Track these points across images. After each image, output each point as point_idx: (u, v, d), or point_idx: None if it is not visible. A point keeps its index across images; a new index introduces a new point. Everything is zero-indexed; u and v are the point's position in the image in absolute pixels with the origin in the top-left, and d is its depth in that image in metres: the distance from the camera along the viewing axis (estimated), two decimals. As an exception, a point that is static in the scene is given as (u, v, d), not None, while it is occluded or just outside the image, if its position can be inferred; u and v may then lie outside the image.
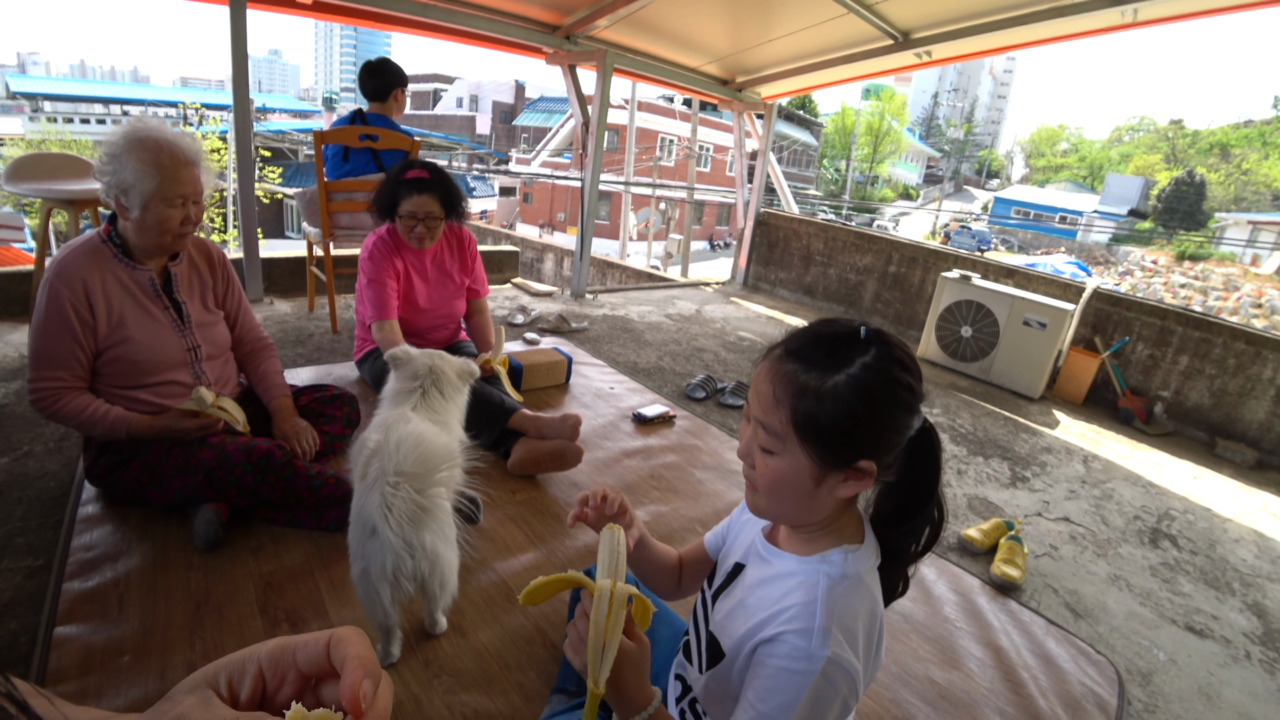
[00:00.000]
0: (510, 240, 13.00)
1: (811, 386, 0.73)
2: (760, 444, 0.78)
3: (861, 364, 0.73)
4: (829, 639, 0.72)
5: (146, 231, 1.62)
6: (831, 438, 0.74)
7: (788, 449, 0.76)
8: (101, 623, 1.37)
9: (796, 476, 0.76)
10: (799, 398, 0.74)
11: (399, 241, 2.46)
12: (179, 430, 1.65)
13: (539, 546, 1.82)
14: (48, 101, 22.70)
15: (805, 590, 0.77)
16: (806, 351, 0.75)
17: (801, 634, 0.73)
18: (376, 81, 3.29)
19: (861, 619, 0.76)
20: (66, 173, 2.54)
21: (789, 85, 5.49)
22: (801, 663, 0.72)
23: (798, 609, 0.75)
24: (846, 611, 0.75)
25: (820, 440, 0.74)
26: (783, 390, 0.75)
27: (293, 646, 0.40)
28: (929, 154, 54.21)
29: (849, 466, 0.75)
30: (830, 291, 5.67)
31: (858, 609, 0.76)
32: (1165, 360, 3.93)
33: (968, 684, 1.58)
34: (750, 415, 0.80)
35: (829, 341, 0.75)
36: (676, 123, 23.20)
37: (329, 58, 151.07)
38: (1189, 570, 2.35)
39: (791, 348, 0.77)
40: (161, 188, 1.56)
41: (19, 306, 3.04)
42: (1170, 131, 46.64)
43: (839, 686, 0.72)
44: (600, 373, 3.23)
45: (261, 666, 0.40)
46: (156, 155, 1.55)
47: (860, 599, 0.77)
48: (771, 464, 0.77)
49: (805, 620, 0.74)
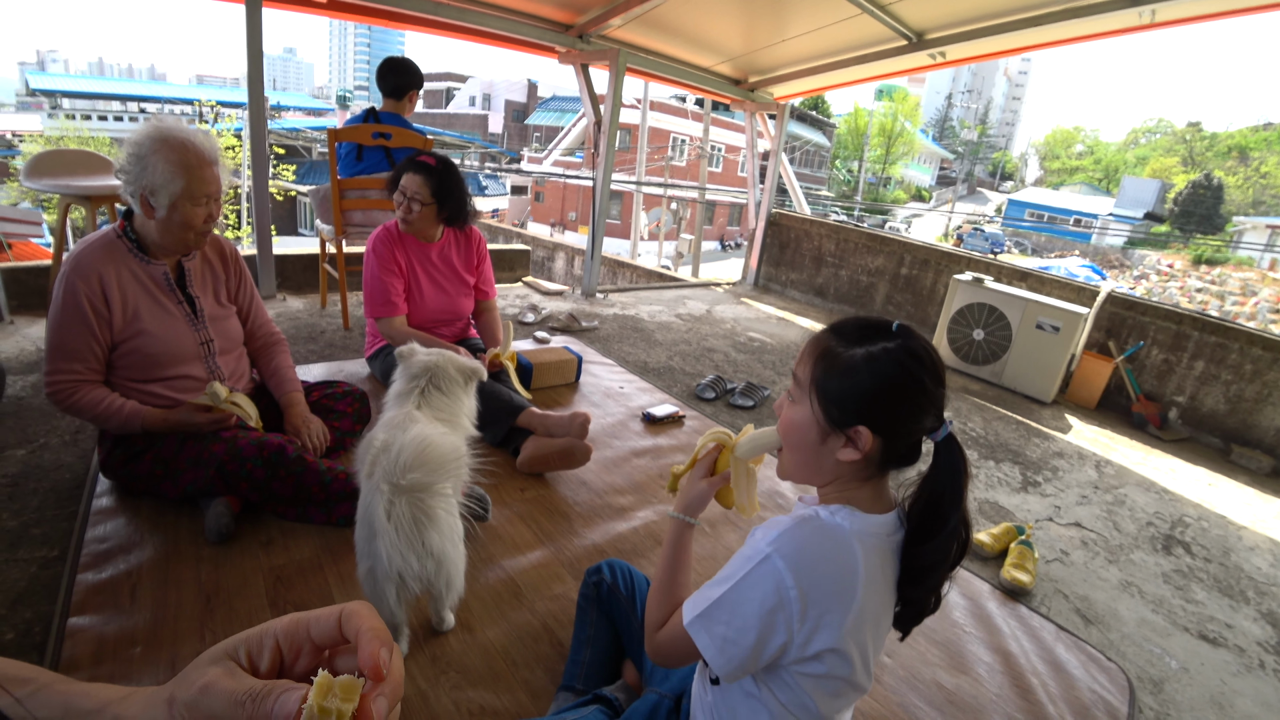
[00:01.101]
0: (521, 239, 13.04)
1: (835, 352, 0.84)
2: (788, 392, 0.90)
3: (882, 346, 0.82)
4: (778, 544, 0.81)
5: (171, 230, 1.63)
6: (835, 397, 0.83)
7: (804, 400, 0.86)
8: (114, 613, 1.38)
9: (805, 427, 0.86)
10: (823, 359, 0.85)
11: (405, 234, 2.47)
12: (192, 424, 1.67)
13: (547, 544, 1.82)
14: (66, 99, 22.99)
15: (786, 519, 0.87)
16: (844, 329, 0.87)
17: (763, 532, 0.85)
18: (396, 80, 3.30)
19: (820, 559, 0.81)
20: (84, 169, 2.57)
21: (802, 86, 5.47)
22: (748, 549, 0.85)
23: (771, 523, 0.87)
24: (806, 541, 0.82)
25: (826, 397, 0.84)
26: (814, 351, 0.87)
27: (306, 621, 0.42)
28: (942, 155, 53.87)
29: (847, 428, 0.83)
30: (841, 293, 5.65)
31: (820, 546, 0.82)
32: (1180, 365, 3.89)
33: (976, 689, 1.57)
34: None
35: (864, 324, 0.86)
36: (688, 122, 23.21)
37: (343, 56, 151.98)
38: (1202, 578, 2.32)
39: (834, 326, 0.88)
40: (189, 187, 1.58)
41: (37, 300, 3.08)
42: (1188, 134, 46.13)
43: (764, 583, 0.80)
44: (610, 372, 3.23)
45: (278, 640, 0.42)
46: (183, 155, 1.56)
47: (827, 540, 0.82)
48: (790, 411, 0.89)
49: (771, 529, 0.85)
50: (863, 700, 1.44)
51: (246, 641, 0.41)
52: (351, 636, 0.41)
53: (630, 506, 2.07)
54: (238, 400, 1.70)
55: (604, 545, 1.85)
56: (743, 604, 0.81)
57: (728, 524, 2.06)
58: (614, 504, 2.07)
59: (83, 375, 1.60)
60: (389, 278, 2.41)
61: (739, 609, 0.82)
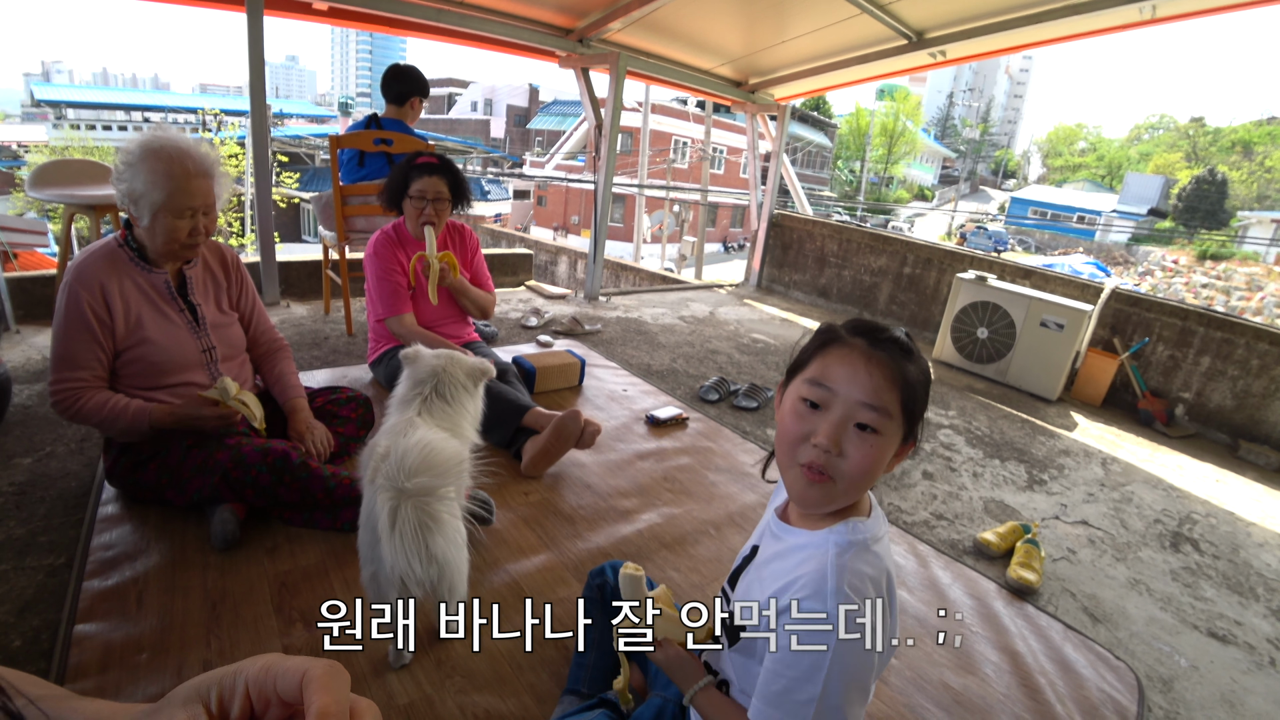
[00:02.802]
0: (524, 243, 13.06)
1: (908, 372, 0.84)
2: (863, 422, 0.82)
3: (917, 355, 0.86)
4: (840, 599, 0.77)
5: (155, 240, 1.64)
6: (918, 413, 0.85)
7: (891, 426, 0.83)
8: (120, 620, 1.39)
9: (886, 453, 0.84)
10: (904, 381, 0.83)
11: (403, 236, 2.48)
12: (198, 418, 1.65)
13: (551, 548, 1.82)
14: (71, 109, 23.13)
15: (815, 560, 0.83)
16: (891, 344, 0.85)
17: (815, 598, 0.79)
18: (400, 87, 3.32)
19: (869, 580, 0.81)
20: (88, 178, 2.59)
21: (802, 86, 5.47)
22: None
23: (809, 577, 0.81)
24: (855, 574, 0.80)
25: (911, 416, 0.84)
26: (891, 375, 0.83)
27: (274, 674, 0.41)
28: (944, 154, 53.78)
29: (912, 438, 0.86)
30: (845, 293, 5.64)
31: (864, 572, 0.81)
32: (1186, 361, 3.87)
33: (984, 689, 1.56)
34: (833, 405, 0.84)
35: (896, 337, 0.86)
36: (690, 125, 23.22)
37: (345, 63, 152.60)
38: (1211, 575, 2.31)
39: (876, 339, 0.85)
40: (170, 199, 1.57)
41: (43, 310, 3.10)
42: (1191, 129, 45.92)
43: (860, 650, 0.77)
44: (614, 375, 3.23)
45: (249, 687, 0.40)
46: (169, 165, 1.56)
47: (867, 563, 0.82)
48: (874, 444, 0.83)
49: (817, 585, 0.80)
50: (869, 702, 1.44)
51: (220, 684, 0.40)
52: (306, 708, 0.39)
53: (634, 509, 2.07)
54: (245, 399, 1.70)
55: (608, 548, 1.85)
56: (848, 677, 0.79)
57: (733, 525, 2.06)
58: (618, 507, 2.07)
59: (87, 382, 1.60)
60: (394, 278, 2.42)
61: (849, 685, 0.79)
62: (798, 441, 0.85)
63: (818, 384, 0.85)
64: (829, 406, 0.84)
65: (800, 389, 0.87)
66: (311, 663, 0.41)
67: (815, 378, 0.85)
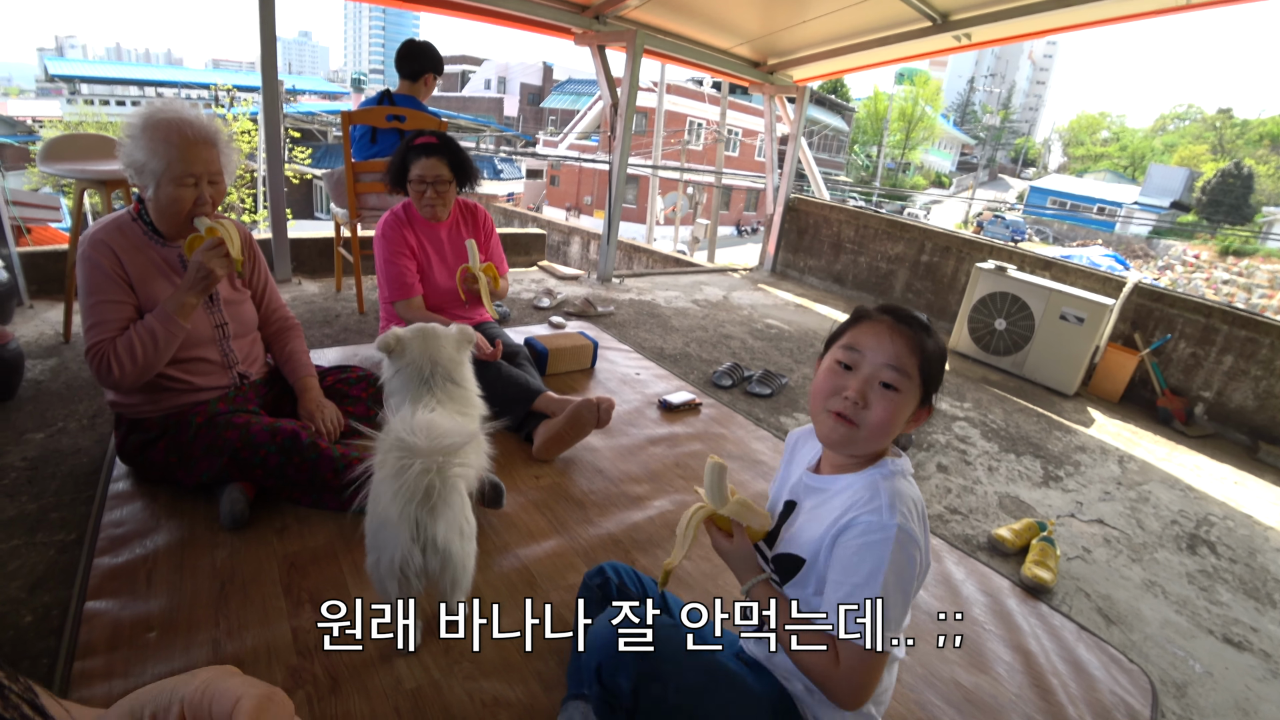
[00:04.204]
0: (537, 223, 13.01)
1: (927, 345, 1.00)
2: (886, 381, 0.98)
3: (934, 334, 1.02)
4: (895, 511, 0.93)
5: (162, 212, 1.62)
6: (935, 380, 1.01)
7: (910, 385, 0.98)
8: (130, 598, 1.39)
9: (904, 410, 0.99)
10: (922, 351, 0.99)
11: (412, 216, 2.45)
12: (198, 268, 1.58)
13: (561, 533, 1.81)
14: (85, 84, 23.10)
15: (868, 487, 0.98)
16: (912, 321, 1.01)
17: (872, 512, 0.94)
18: (415, 63, 3.28)
19: (912, 500, 0.97)
20: (98, 153, 2.56)
21: (822, 68, 5.36)
22: (877, 533, 0.92)
23: (865, 497, 0.96)
24: (902, 494, 0.96)
25: (929, 381, 1.00)
26: (912, 345, 0.99)
27: (210, 695, 0.39)
28: (963, 141, 52.95)
29: (928, 403, 1.02)
30: (860, 280, 5.57)
31: (908, 493, 0.97)
32: (1208, 360, 3.80)
33: (995, 688, 1.54)
34: (862, 365, 1.00)
35: (917, 316, 1.02)
36: (705, 106, 22.96)
37: (358, 39, 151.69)
38: (1228, 579, 2.27)
39: (900, 317, 1.02)
40: (170, 167, 1.55)
41: (56, 285, 3.10)
42: (1218, 120, 44.96)
43: (910, 549, 0.92)
44: (626, 358, 3.20)
45: (183, 709, 0.39)
46: (167, 133, 1.54)
47: (908, 486, 0.99)
48: (895, 400, 0.98)
49: (873, 502, 0.95)
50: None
51: (155, 701, 0.39)
52: None
53: (646, 495, 2.05)
54: (223, 224, 1.62)
55: (619, 535, 1.84)
56: (902, 585, 0.91)
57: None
58: (629, 493, 2.06)
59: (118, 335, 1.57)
60: (402, 260, 2.39)
61: (901, 592, 0.91)
62: (830, 394, 1.01)
63: (851, 349, 1.01)
64: (858, 367, 1.00)
65: (835, 353, 1.03)
66: (248, 689, 0.39)
67: (849, 344, 1.02)
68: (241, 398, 1.80)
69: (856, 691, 0.92)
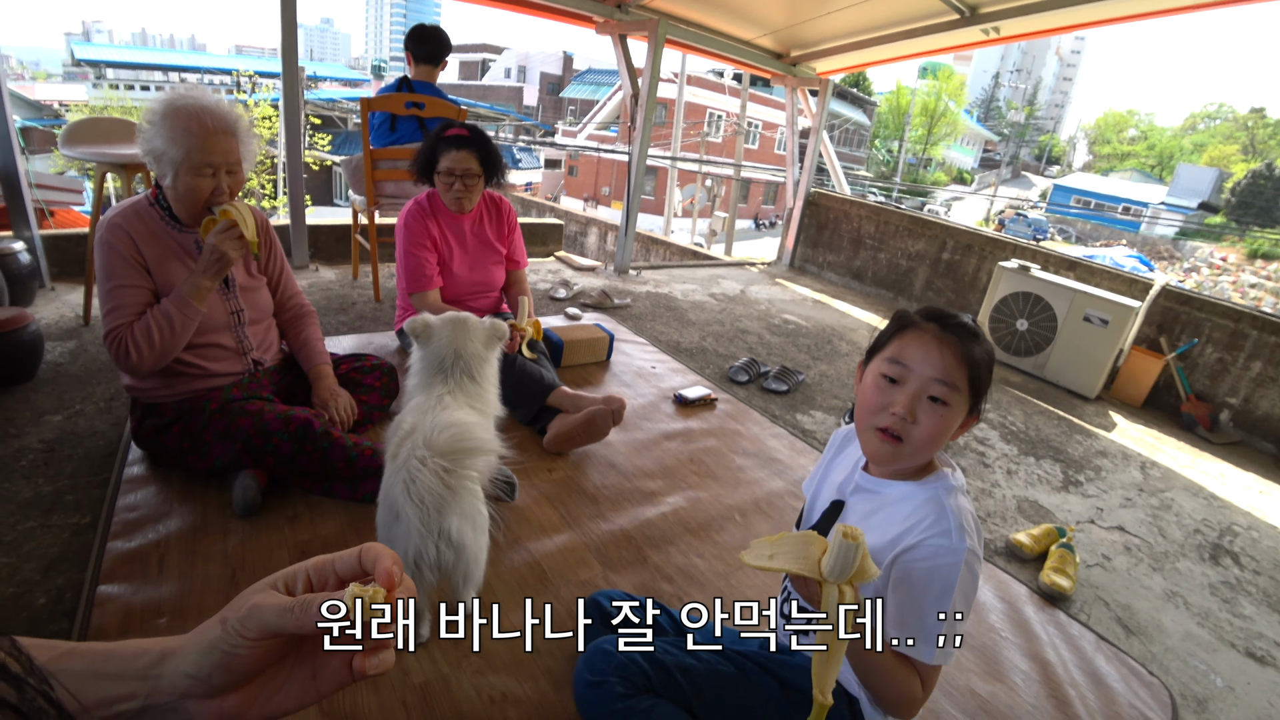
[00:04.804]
0: (554, 213, 12.98)
1: (974, 353, 0.96)
2: (935, 395, 0.95)
3: (982, 338, 0.98)
4: (964, 535, 0.92)
5: (180, 200, 1.61)
6: (983, 390, 0.97)
7: (959, 399, 0.95)
8: (142, 583, 1.39)
9: (953, 423, 0.96)
10: (970, 361, 0.95)
11: (436, 206, 2.43)
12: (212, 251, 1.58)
13: (573, 528, 1.79)
14: (110, 69, 23.33)
15: (933, 505, 0.96)
16: (959, 329, 0.97)
17: (941, 535, 0.92)
18: (431, 47, 3.25)
19: (971, 517, 0.96)
20: (119, 137, 2.57)
21: (846, 61, 5.28)
22: (948, 556, 0.91)
23: (933, 518, 0.94)
24: (965, 513, 0.95)
25: (977, 391, 0.96)
26: (960, 355, 0.95)
27: (330, 559, 0.51)
28: (987, 137, 52.19)
29: (977, 412, 0.99)
30: (880, 277, 5.50)
31: (968, 510, 0.97)
32: (1235, 365, 3.71)
33: (1011, 698, 1.51)
34: (909, 380, 0.96)
35: (963, 322, 0.98)
36: (725, 98, 22.77)
37: (379, 26, 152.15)
38: (1251, 591, 2.22)
39: (946, 324, 0.97)
40: (189, 156, 1.54)
41: (77, 268, 3.13)
42: (1250, 120, 43.94)
43: (976, 570, 0.94)
44: (642, 351, 3.18)
45: (309, 574, 0.50)
46: (187, 122, 1.52)
47: (967, 503, 0.98)
48: (944, 414, 0.95)
49: (940, 524, 0.93)
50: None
51: (284, 577, 0.50)
52: (369, 565, 0.50)
53: (659, 491, 2.03)
54: (236, 206, 1.61)
55: (631, 530, 1.82)
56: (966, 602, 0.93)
57: (759, 512, 2.02)
58: (643, 488, 2.04)
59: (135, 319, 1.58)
60: (422, 253, 2.38)
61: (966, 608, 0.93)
62: (877, 410, 0.97)
63: (896, 362, 0.97)
64: (905, 382, 0.96)
65: (880, 366, 0.99)
66: (362, 544, 0.51)
67: (894, 356, 0.97)
68: (255, 384, 1.80)
69: (916, 703, 0.94)
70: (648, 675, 1.07)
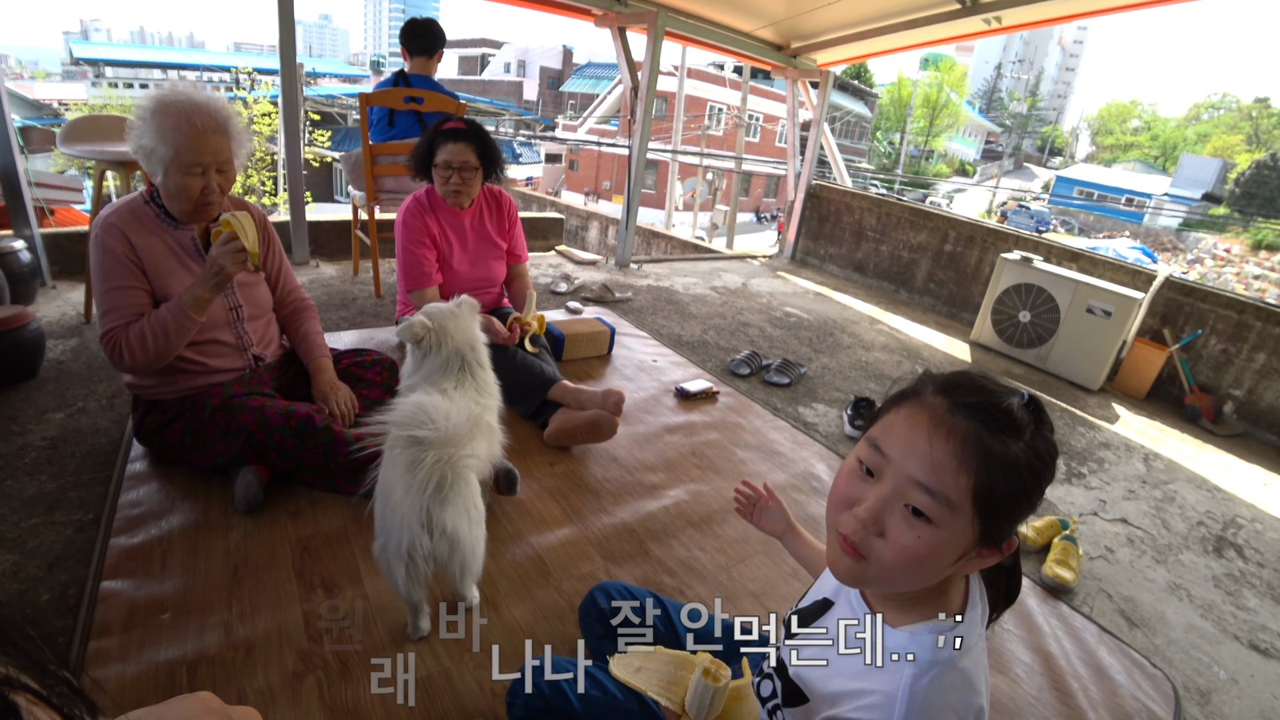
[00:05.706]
0: (555, 207, 12.96)
1: (992, 455, 0.63)
2: (914, 504, 0.66)
3: (1032, 433, 0.65)
4: None
5: (171, 198, 1.61)
6: (1003, 511, 0.65)
7: (954, 520, 0.65)
8: (145, 579, 1.40)
9: (946, 551, 0.66)
10: (980, 466, 0.63)
11: (435, 202, 2.42)
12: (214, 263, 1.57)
13: (575, 521, 1.79)
14: (109, 67, 23.28)
15: (889, 677, 0.68)
16: (980, 412, 0.65)
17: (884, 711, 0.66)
18: (426, 40, 3.23)
19: (953, 711, 0.67)
20: (117, 134, 2.57)
21: (847, 52, 5.25)
22: None
23: (878, 698, 0.68)
24: (932, 705, 0.66)
25: (992, 514, 0.64)
26: (965, 455, 0.64)
27: None
28: (989, 128, 51.95)
29: (1000, 543, 0.68)
30: (881, 269, 5.49)
31: (946, 701, 0.67)
32: (1240, 357, 3.69)
33: (1014, 690, 1.51)
34: (885, 474, 0.68)
35: (991, 403, 0.66)
36: (726, 90, 22.69)
37: (378, 22, 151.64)
38: (1255, 584, 2.21)
39: (963, 403, 0.66)
40: (179, 155, 1.53)
41: (78, 266, 3.13)
42: (1254, 110, 43.66)
43: None
44: (643, 345, 3.18)
45: None
46: (176, 121, 1.51)
47: (949, 688, 0.67)
48: (924, 536, 0.66)
49: (883, 715, 0.67)
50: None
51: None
52: None
53: (661, 485, 2.03)
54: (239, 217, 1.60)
55: (633, 524, 1.82)
56: None
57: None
58: (645, 481, 2.04)
59: (132, 321, 1.58)
60: (420, 250, 2.37)
61: None
62: (841, 507, 0.71)
63: (874, 447, 0.70)
64: (881, 477, 0.69)
65: (859, 448, 0.72)
66: None
67: (874, 438, 0.70)
68: (256, 380, 1.80)
69: None
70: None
